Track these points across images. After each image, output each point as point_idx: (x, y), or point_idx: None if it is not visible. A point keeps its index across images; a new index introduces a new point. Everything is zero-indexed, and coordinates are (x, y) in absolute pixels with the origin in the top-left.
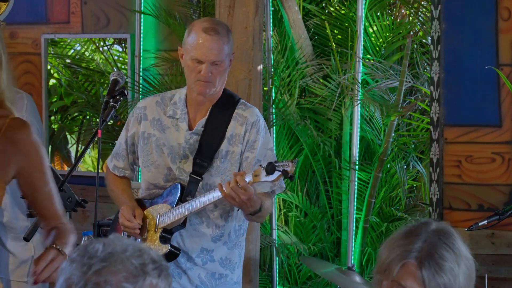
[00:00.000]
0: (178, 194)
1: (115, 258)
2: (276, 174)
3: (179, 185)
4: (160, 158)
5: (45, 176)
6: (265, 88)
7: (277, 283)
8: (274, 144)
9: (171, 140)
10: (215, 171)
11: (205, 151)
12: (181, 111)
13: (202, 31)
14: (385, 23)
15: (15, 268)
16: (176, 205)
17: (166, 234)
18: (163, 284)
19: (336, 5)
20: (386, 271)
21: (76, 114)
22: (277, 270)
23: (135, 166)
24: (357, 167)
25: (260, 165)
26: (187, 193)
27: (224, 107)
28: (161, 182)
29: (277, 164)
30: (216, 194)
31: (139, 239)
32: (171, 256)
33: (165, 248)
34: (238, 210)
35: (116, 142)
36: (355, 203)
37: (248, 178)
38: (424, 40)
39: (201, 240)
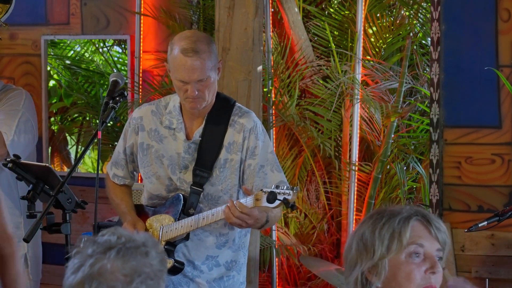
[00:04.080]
0: (181, 206)
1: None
2: (277, 202)
3: (181, 196)
4: (161, 169)
5: None
6: (264, 89)
7: (277, 284)
8: (274, 145)
9: (169, 150)
10: (215, 180)
11: (204, 162)
12: (177, 121)
13: (180, 53)
14: (384, 24)
15: None
16: (179, 218)
17: (170, 247)
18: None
19: (336, 6)
20: (391, 245)
21: (76, 115)
22: (277, 271)
23: (135, 173)
24: (356, 168)
25: (262, 190)
26: (189, 205)
27: (220, 113)
28: (163, 193)
29: (278, 192)
30: (221, 216)
31: None
32: (175, 270)
33: (169, 263)
34: None
35: (116, 143)
36: (355, 204)
37: (250, 202)
38: (423, 41)
39: (206, 248)
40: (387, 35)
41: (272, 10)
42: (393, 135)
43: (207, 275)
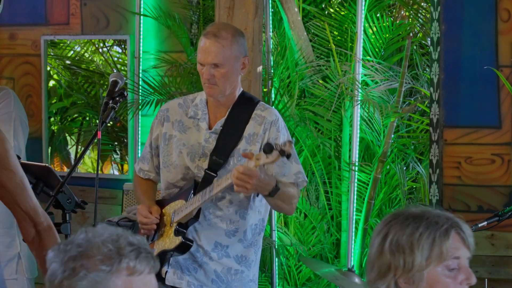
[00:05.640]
0: (192, 189)
1: (91, 244)
2: (275, 153)
3: (194, 181)
4: (179, 158)
5: (9, 171)
6: (264, 90)
7: (277, 284)
8: None
9: (191, 139)
10: (231, 169)
11: (222, 149)
12: (202, 112)
13: (203, 35)
14: (384, 24)
15: (3, 266)
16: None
17: (181, 228)
18: (141, 266)
19: (335, 6)
20: (430, 258)
21: (75, 115)
22: (277, 272)
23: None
24: (356, 168)
25: (261, 150)
26: (201, 188)
27: (244, 108)
28: (180, 181)
29: (274, 144)
30: (225, 182)
31: (156, 235)
32: (184, 247)
33: (178, 240)
34: (258, 195)
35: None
36: (354, 204)
37: (251, 164)
38: (423, 42)
39: (215, 234)
40: (387, 35)
41: (272, 10)
42: (393, 135)
43: (216, 263)
